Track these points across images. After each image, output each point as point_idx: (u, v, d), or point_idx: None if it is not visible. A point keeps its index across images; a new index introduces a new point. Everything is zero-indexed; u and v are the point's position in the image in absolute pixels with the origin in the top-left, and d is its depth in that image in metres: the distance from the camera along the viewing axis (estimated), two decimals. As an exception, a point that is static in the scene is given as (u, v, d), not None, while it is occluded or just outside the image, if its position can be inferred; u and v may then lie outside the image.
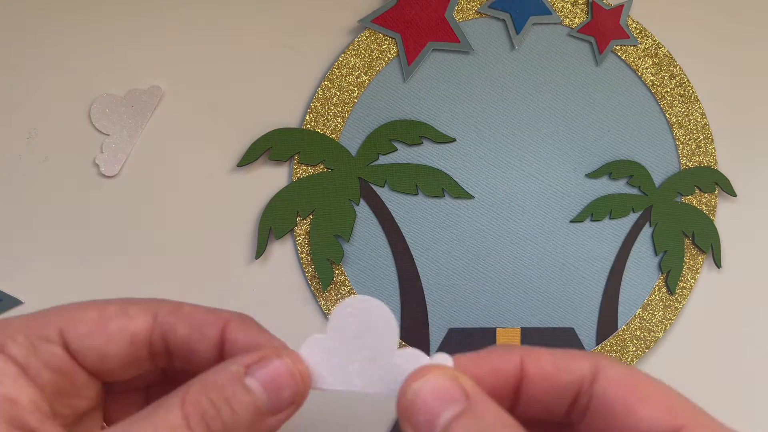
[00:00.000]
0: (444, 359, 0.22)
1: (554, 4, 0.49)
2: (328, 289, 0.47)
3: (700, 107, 0.51)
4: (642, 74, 0.50)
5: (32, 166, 0.45)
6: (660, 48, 0.51)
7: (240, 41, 0.47)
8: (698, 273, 0.52)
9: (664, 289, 0.51)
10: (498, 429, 0.20)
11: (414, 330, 0.48)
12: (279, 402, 0.22)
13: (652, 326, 0.51)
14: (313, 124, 0.47)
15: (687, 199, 0.51)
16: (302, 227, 0.47)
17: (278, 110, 0.47)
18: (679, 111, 0.51)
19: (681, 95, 0.51)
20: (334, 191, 0.47)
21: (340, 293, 0.47)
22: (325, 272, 0.47)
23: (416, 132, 0.48)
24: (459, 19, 0.48)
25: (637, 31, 0.50)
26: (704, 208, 0.51)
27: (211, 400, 0.20)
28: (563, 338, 0.50)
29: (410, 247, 0.48)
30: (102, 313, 0.23)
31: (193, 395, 0.20)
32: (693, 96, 0.51)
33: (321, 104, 0.47)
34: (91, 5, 0.45)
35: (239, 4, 0.47)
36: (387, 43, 0.47)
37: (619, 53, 0.50)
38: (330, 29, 0.48)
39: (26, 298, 0.45)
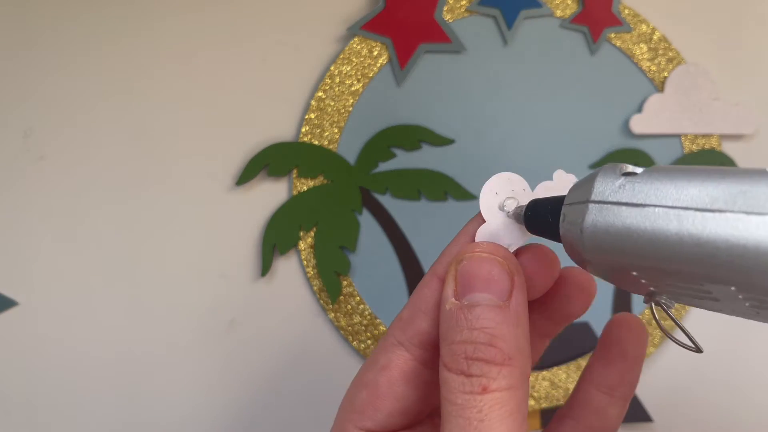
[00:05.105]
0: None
1: (544, -4, 0.49)
2: (337, 301, 0.47)
3: (699, 89, 0.51)
4: (638, 60, 0.50)
5: (27, 166, 0.45)
6: (654, 32, 0.50)
7: (230, 58, 0.47)
8: (710, 257, 0.51)
9: (676, 276, 0.50)
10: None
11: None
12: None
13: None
14: (309, 136, 0.46)
15: (693, 183, 0.51)
16: (306, 241, 0.46)
17: (273, 124, 0.47)
18: (679, 94, 0.50)
19: (679, 78, 0.50)
20: (335, 203, 0.46)
21: (349, 305, 0.47)
22: (332, 285, 0.46)
23: (414, 136, 0.47)
24: (449, 18, 0.48)
25: (630, 17, 0.50)
26: (711, 191, 0.51)
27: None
28: (578, 333, 0.49)
29: (417, 254, 0.47)
30: (367, 384, 0.25)
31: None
32: (691, 78, 0.50)
33: (316, 116, 0.46)
34: (87, 3, 0.45)
35: (227, 22, 0.47)
36: (378, 48, 0.47)
37: (613, 41, 0.50)
38: (319, 39, 0.47)
39: (22, 299, 0.44)
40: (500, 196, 0.25)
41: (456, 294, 0.22)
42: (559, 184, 0.25)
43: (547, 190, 0.25)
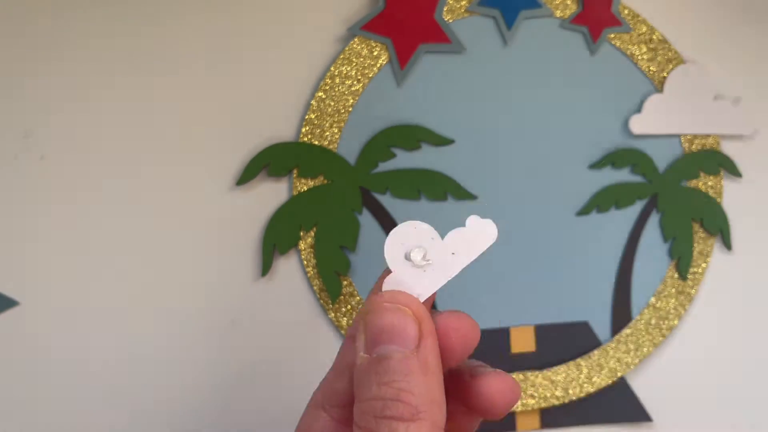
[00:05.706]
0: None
1: (544, -4, 0.49)
2: (337, 301, 0.47)
3: (698, 89, 0.51)
4: (638, 61, 0.50)
5: (27, 166, 0.45)
6: (654, 33, 0.50)
7: (230, 58, 0.47)
8: (709, 257, 0.51)
9: (676, 276, 0.50)
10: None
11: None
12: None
13: (667, 314, 0.50)
14: (309, 136, 0.46)
15: (692, 183, 0.51)
16: (306, 241, 0.46)
17: (273, 124, 0.47)
18: (678, 95, 0.50)
19: (679, 79, 0.50)
20: (335, 202, 0.46)
21: (349, 305, 0.47)
22: (333, 284, 0.46)
23: (414, 136, 0.47)
24: (449, 19, 0.48)
25: (630, 17, 0.50)
26: (710, 191, 0.51)
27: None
28: (578, 333, 0.49)
29: (417, 253, 0.47)
30: None
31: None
32: (691, 78, 0.50)
33: (316, 116, 0.46)
34: (88, 3, 0.45)
35: (229, 21, 0.47)
36: (378, 49, 0.47)
37: (613, 41, 0.50)
38: (319, 39, 0.47)
39: (22, 299, 0.44)
40: (406, 246, 0.24)
41: (366, 348, 0.22)
42: (474, 230, 0.24)
43: (461, 236, 0.24)
